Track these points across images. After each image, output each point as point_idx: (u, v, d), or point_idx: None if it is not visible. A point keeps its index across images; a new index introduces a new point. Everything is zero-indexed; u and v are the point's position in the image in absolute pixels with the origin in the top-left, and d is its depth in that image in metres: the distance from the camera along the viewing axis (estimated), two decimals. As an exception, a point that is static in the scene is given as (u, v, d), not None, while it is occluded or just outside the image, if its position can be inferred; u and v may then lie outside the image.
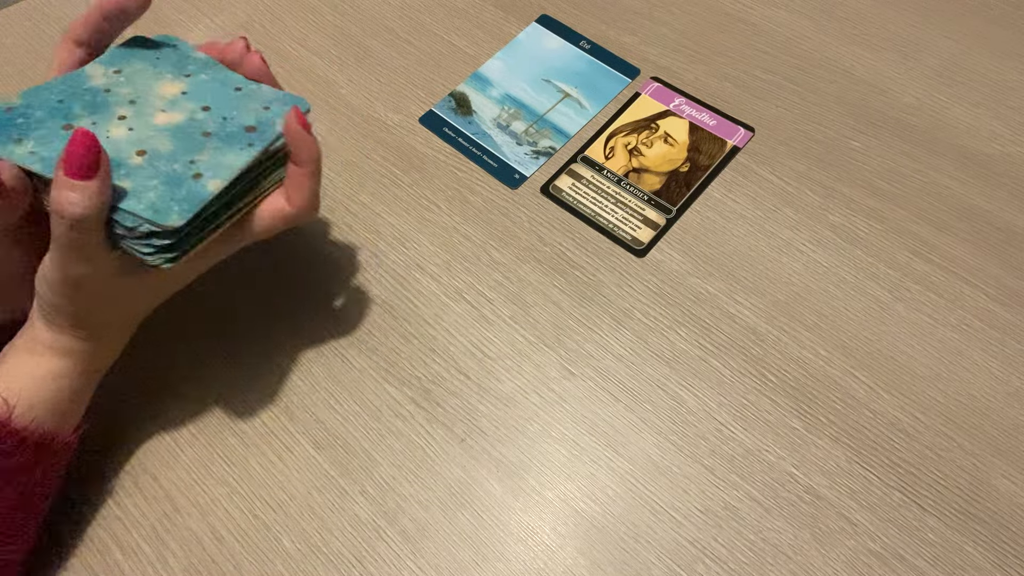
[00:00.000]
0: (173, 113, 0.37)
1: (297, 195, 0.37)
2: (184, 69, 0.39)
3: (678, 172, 0.54)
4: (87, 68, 0.38)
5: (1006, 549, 0.40)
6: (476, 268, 0.50)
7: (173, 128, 0.36)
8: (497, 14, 0.63)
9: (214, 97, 0.38)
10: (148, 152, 0.35)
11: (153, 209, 0.33)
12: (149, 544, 0.40)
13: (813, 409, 0.44)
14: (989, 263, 0.49)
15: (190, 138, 0.36)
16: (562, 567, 0.40)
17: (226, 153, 0.36)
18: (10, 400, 0.34)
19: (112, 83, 0.37)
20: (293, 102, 0.39)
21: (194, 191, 0.34)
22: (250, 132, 0.37)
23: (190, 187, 0.34)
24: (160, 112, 0.37)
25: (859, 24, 0.62)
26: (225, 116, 0.37)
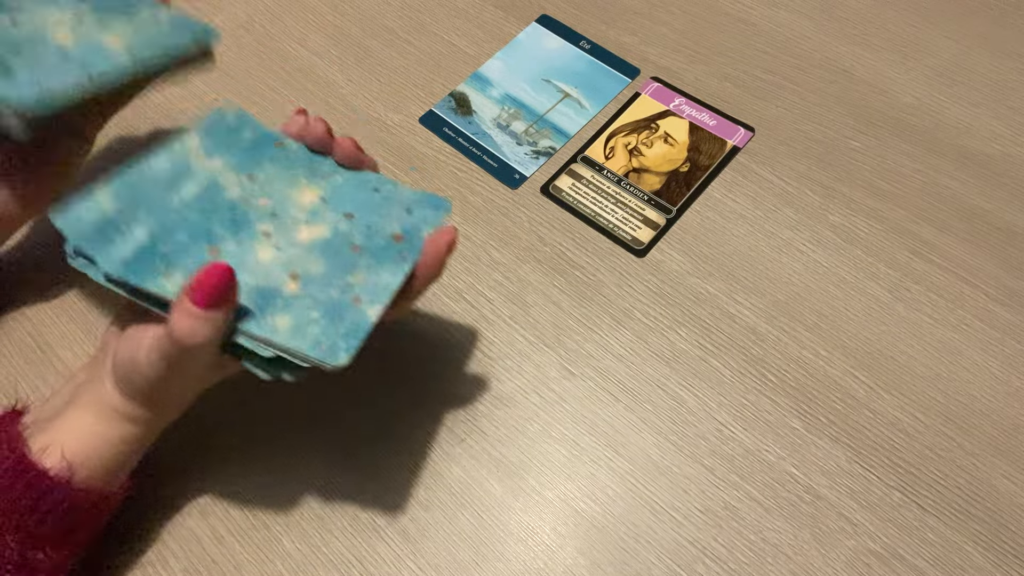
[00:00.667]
0: (317, 226, 0.35)
1: (404, 302, 0.36)
2: (317, 171, 0.37)
3: (678, 172, 0.54)
4: (219, 176, 0.35)
5: (1006, 549, 0.40)
6: (476, 268, 0.50)
7: (322, 245, 0.35)
8: (497, 14, 0.63)
9: (354, 202, 0.36)
10: (301, 276, 0.33)
11: (317, 346, 0.31)
12: (149, 544, 0.40)
13: (813, 409, 0.44)
14: (989, 263, 0.49)
15: (340, 255, 0.34)
16: (562, 567, 0.40)
17: (380, 271, 0.34)
18: (74, 463, 0.33)
19: (249, 193, 0.35)
20: (436, 204, 0.37)
21: (356, 322, 0.32)
22: (398, 242, 0.35)
23: (352, 317, 0.33)
24: (304, 226, 0.35)
25: (859, 24, 0.62)
26: (369, 224, 0.36)
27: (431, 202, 0.38)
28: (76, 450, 0.33)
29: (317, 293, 0.33)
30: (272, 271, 0.33)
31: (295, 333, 0.32)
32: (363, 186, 0.37)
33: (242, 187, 0.36)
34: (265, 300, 0.32)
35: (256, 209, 0.35)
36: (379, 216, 0.36)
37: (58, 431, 0.34)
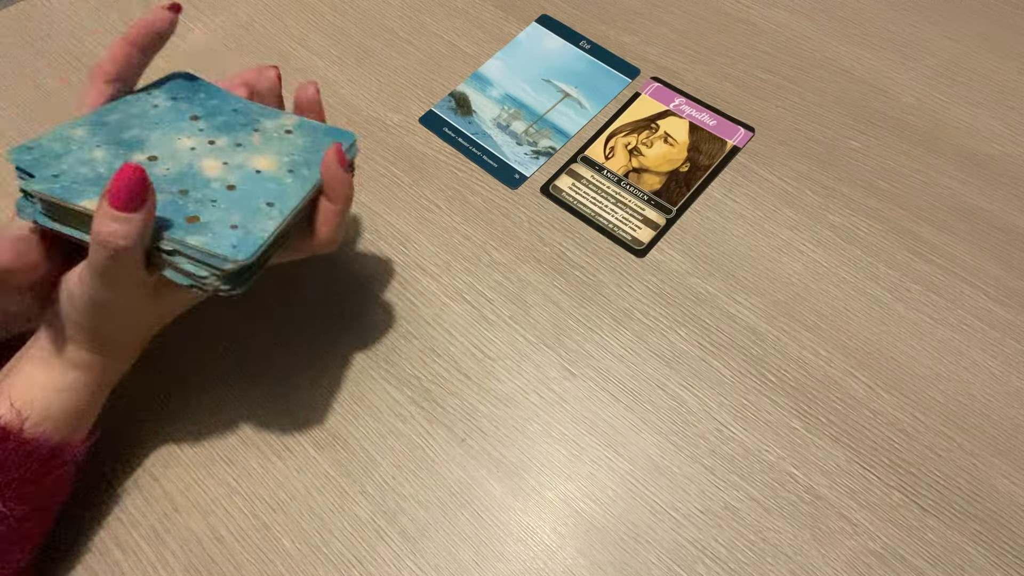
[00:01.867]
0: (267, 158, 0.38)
1: (324, 229, 0.38)
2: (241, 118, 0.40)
3: (678, 172, 0.54)
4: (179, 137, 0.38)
5: (1006, 549, 0.40)
6: (476, 268, 0.50)
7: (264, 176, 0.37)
8: (497, 14, 0.63)
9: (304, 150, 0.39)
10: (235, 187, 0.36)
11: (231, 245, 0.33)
12: (149, 544, 0.40)
13: (813, 409, 0.44)
14: (989, 263, 0.49)
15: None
16: (562, 567, 0.40)
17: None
18: (23, 411, 0.34)
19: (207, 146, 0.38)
20: (340, 136, 0.40)
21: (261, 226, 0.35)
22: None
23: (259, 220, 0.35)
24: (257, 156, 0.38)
25: (859, 24, 0.62)
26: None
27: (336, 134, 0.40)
28: (25, 399, 0.34)
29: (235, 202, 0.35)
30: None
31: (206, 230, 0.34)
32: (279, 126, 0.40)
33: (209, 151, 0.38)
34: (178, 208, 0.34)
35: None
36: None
37: (7, 384, 0.35)
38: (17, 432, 0.33)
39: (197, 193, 0.35)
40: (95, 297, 0.33)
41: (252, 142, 0.38)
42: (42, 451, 0.34)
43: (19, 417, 0.33)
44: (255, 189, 0.36)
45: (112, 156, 0.35)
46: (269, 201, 0.36)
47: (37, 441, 0.34)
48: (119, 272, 0.32)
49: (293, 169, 0.37)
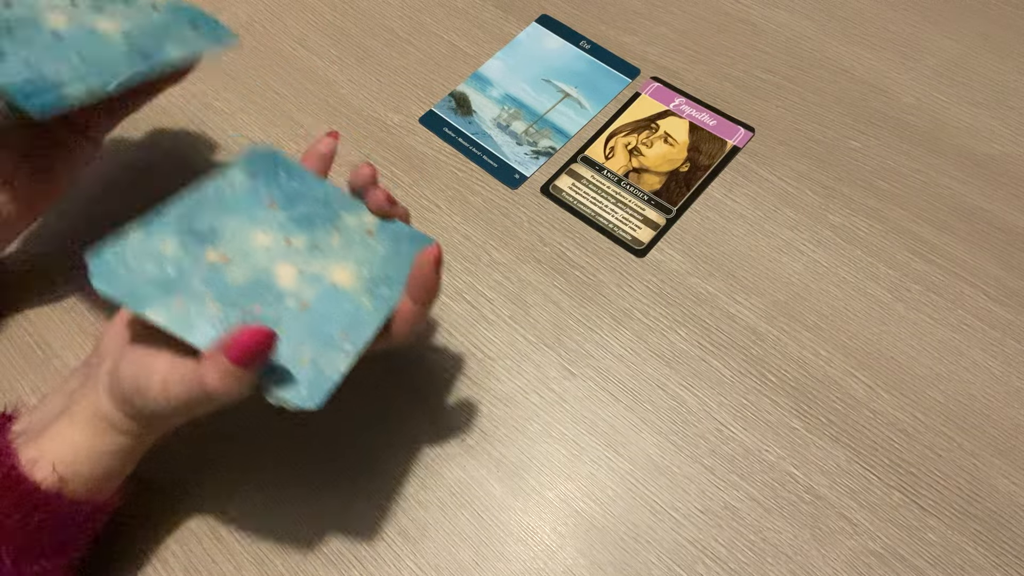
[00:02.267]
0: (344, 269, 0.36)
1: (402, 327, 0.36)
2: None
3: (678, 172, 0.54)
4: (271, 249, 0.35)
5: (1006, 549, 0.40)
6: (476, 268, 0.50)
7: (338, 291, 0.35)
8: (497, 14, 0.63)
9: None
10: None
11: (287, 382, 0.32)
12: (149, 544, 0.40)
13: (813, 409, 0.44)
14: (989, 263, 0.49)
15: None
16: (562, 567, 0.40)
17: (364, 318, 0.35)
18: (65, 476, 0.33)
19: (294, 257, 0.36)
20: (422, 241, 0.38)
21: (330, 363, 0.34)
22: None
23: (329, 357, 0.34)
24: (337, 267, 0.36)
25: (859, 24, 0.62)
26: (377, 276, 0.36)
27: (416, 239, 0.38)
28: (67, 462, 0.33)
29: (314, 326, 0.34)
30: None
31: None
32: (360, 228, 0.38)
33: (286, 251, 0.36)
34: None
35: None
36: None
37: (49, 442, 0.33)
38: (57, 497, 0.33)
39: (269, 310, 0.33)
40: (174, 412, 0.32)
41: (331, 244, 0.36)
42: (81, 515, 0.34)
43: (61, 483, 0.33)
44: (331, 311, 0.34)
45: (183, 252, 0.33)
46: (344, 329, 0.34)
47: (77, 505, 0.33)
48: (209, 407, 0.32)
49: (372, 288, 0.35)
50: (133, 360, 0.33)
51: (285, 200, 0.36)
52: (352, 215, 0.38)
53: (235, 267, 0.34)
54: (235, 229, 0.35)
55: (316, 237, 0.36)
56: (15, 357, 0.46)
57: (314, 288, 0.34)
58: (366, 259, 0.36)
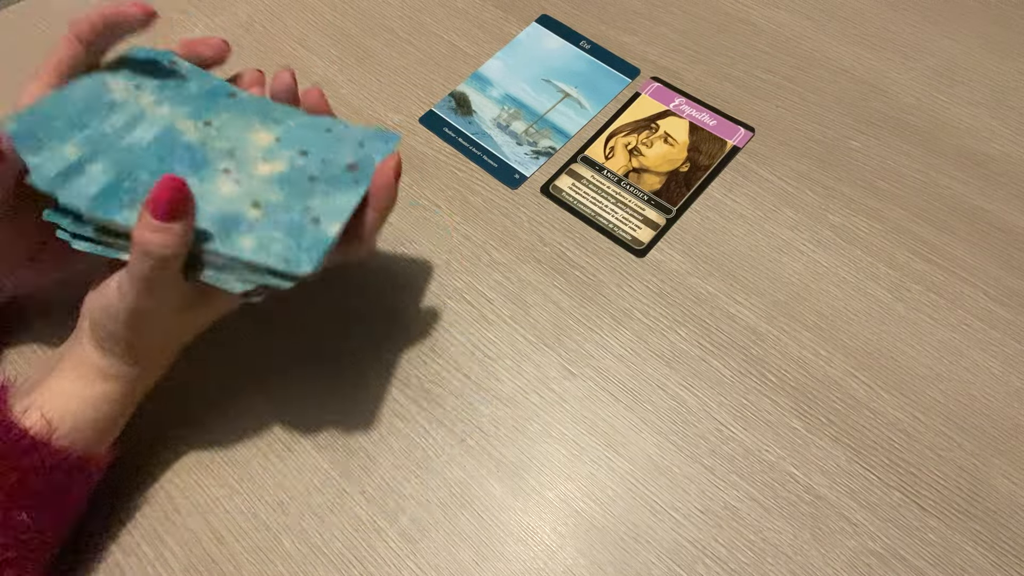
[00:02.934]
0: (274, 162, 0.37)
1: (367, 235, 0.38)
2: (269, 115, 0.39)
3: (678, 172, 0.54)
4: (177, 123, 0.37)
5: (1006, 549, 0.40)
6: (476, 268, 0.50)
7: (279, 177, 0.37)
8: (497, 14, 0.63)
9: (308, 142, 0.38)
10: (263, 204, 0.35)
11: (283, 259, 0.34)
12: (149, 544, 0.40)
13: (813, 409, 0.44)
14: (989, 263, 0.49)
15: (297, 185, 0.36)
16: (562, 567, 0.40)
17: (335, 195, 0.36)
18: (53, 422, 0.34)
19: (206, 137, 0.37)
20: (386, 138, 0.39)
21: (317, 236, 0.35)
22: (352, 171, 0.37)
23: (312, 233, 0.35)
24: (261, 162, 0.37)
25: (859, 24, 0.62)
26: (324, 159, 0.38)
27: (381, 136, 0.39)
28: (56, 410, 0.34)
29: (278, 216, 0.35)
30: (234, 201, 0.35)
31: (259, 250, 0.34)
32: (316, 127, 0.39)
33: (199, 131, 0.37)
34: (229, 224, 0.34)
35: (214, 150, 0.37)
36: (333, 152, 0.38)
37: (38, 394, 0.35)
38: (45, 443, 0.33)
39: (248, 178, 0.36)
40: (135, 306, 0.33)
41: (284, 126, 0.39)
42: (69, 463, 0.34)
43: (48, 428, 0.33)
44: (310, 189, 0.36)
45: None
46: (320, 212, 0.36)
47: (65, 453, 0.34)
48: (160, 280, 0.33)
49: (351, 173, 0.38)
50: (98, 290, 0.35)
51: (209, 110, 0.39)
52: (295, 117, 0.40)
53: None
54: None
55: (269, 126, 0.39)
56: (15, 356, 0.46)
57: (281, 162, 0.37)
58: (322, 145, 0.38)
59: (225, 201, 0.35)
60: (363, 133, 0.39)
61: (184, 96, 0.39)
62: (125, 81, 0.38)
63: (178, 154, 0.36)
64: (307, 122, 0.39)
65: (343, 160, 0.38)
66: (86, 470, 0.36)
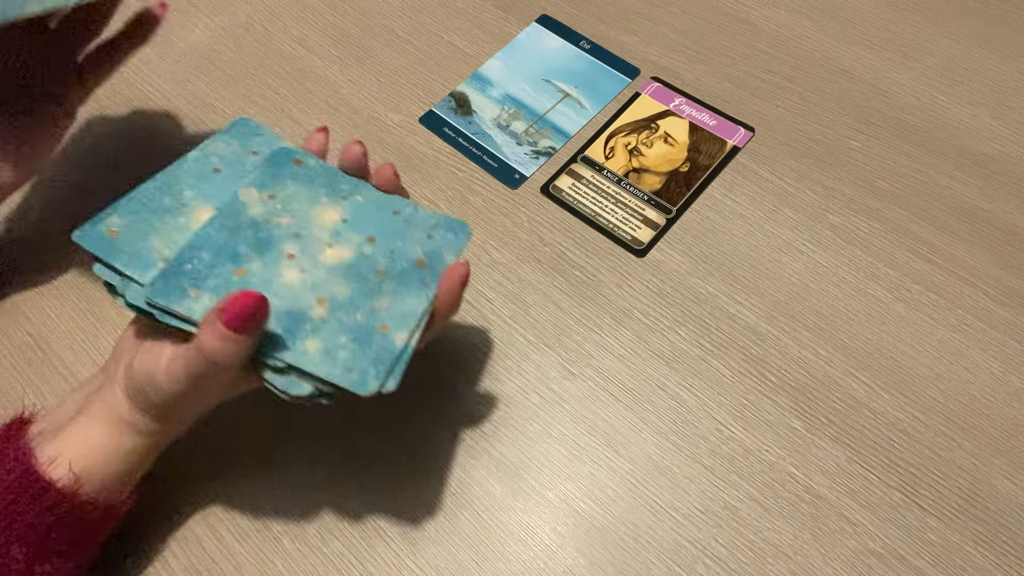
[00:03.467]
0: (341, 247, 0.35)
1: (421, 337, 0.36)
2: (338, 190, 0.37)
3: (678, 172, 0.54)
4: (241, 194, 0.36)
5: (1006, 549, 0.40)
6: (476, 268, 0.50)
7: (346, 268, 0.35)
8: (497, 14, 0.63)
9: (376, 225, 0.37)
10: (328, 300, 0.34)
11: (347, 371, 0.32)
12: (149, 544, 0.40)
13: (813, 409, 0.44)
14: (989, 263, 0.49)
15: (365, 280, 0.35)
16: (562, 567, 0.40)
17: (405, 297, 0.35)
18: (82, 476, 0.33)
19: (270, 211, 0.35)
20: (455, 228, 0.38)
21: (384, 348, 0.33)
22: (421, 268, 0.36)
23: (379, 343, 0.33)
24: (327, 247, 0.35)
25: (859, 24, 0.62)
26: (392, 248, 0.36)
27: (451, 226, 0.38)
28: (84, 462, 0.33)
29: (344, 318, 0.33)
30: (299, 294, 0.33)
31: (325, 358, 0.32)
32: (384, 207, 0.38)
33: (264, 205, 0.36)
34: (293, 323, 0.33)
35: (279, 227, 0.35)
36: (401, 240, 0.37)
37: (66, 442, 0.33)
38: (72, 497, 0.33)
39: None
40: (184, 392, 0.33)
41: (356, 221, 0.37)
42: (95, 515, 0.34)
43: (76, 482, 0.33)
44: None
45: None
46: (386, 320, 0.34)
47: (91, 506, 0.34)
48: (214, 381, 0.32)
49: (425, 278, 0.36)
50: (144, 352, 0.34)
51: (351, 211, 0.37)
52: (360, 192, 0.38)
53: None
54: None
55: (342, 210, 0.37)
56: (15, 357, 0.46)
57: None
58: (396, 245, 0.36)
59: (290, 293, 0.33)
60: (431, 221, 0.38)
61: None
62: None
63: (244, 234, 0.34)
64: (375, 199, 0.38)
65: (412, 254, 0.36)
66: (108, 518, 0.35)
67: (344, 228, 0.36)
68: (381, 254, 0.36)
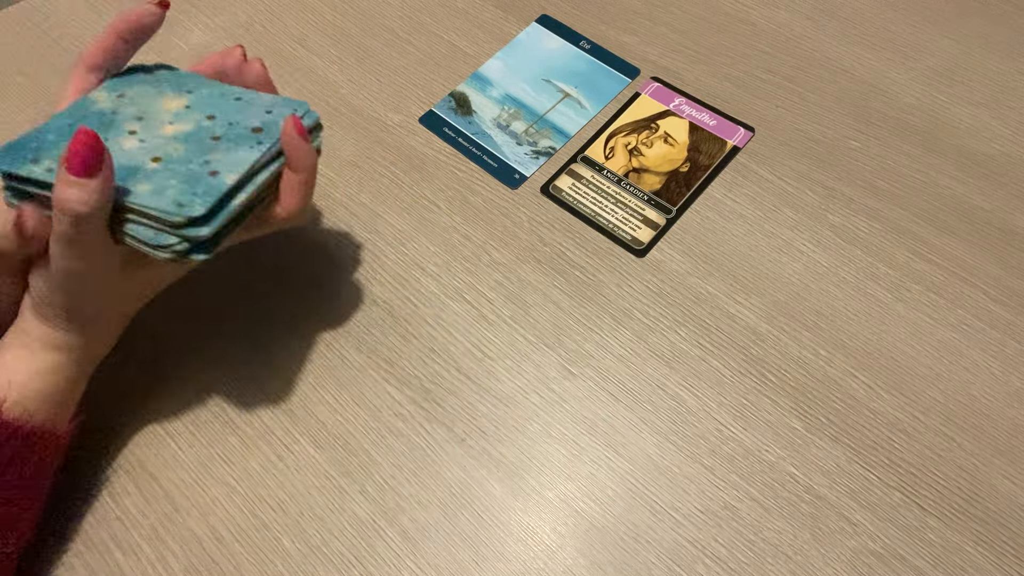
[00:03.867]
0: (181, 124, 0.38)
1: (289, 200, 0.38)
2: (184, 86, 0.40)
3: (678, 172, 0.54)
4: (91, 95, 0.38)
5: (1006, 549, 0.40)
6: (476, 268, 0.50)
7: (183, 135, 0.37)
8: (497, 14, 0.63)
9: (217, 107, 0.39)
10: (163, 158, 0.36)
11: (176, 203, 0.33)
12: (149, 544, 0.40)
13: (813, 409, 0.44)
14: (989, 263, 0.49)
15: (201, 142, 0.37)
16: (562, 567, 0.40)
17: (237, 151, 0.37)
18: (6, 401, 0.34)
19: (118, 105, 0.38)
20: (294, 106, 0.40)
21: (213, 184, 0.35)
22: (257, 133, 0.38)
23: (208, 182, 0.35)
24: (168, 124, 0.38)
25: (859, 24, 0.62)
26: (231, 121, 0.38)
27: (291, 104, 0.40)
28: (4, 382, 0.34)
29: (177, 168, 0.35)
30: (135, 156, 0.36)
31: (154, 195, 0.34)
32: (227, 95, 0.40)
33: (112, 101, 0.38)
34: (128, 175, 0.34)
35: (124, 115, 0.37)
36: (241, 116, 0.39)
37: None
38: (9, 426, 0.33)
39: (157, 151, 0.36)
40: (65, 268, 0.33)
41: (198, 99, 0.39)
42: (21, 433, 0.34)
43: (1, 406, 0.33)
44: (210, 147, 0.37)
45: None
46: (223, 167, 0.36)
47: (15, 424, 0.34)
48: (84, 240, 0.32)
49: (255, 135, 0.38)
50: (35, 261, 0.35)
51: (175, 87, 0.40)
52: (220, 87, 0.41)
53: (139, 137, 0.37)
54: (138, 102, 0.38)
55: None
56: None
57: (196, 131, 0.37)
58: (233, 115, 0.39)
59: (126, 156, 0.35)
60: (272, 100, 0.40)
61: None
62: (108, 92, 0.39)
63: (89, 120, 0.37)
64: (220, 91, 0.40)
65: (249, 123, 0.38)
66: (42, 441, 0.35)
67: (186, 111, 0.38)
68: (219, 125, 0.38)
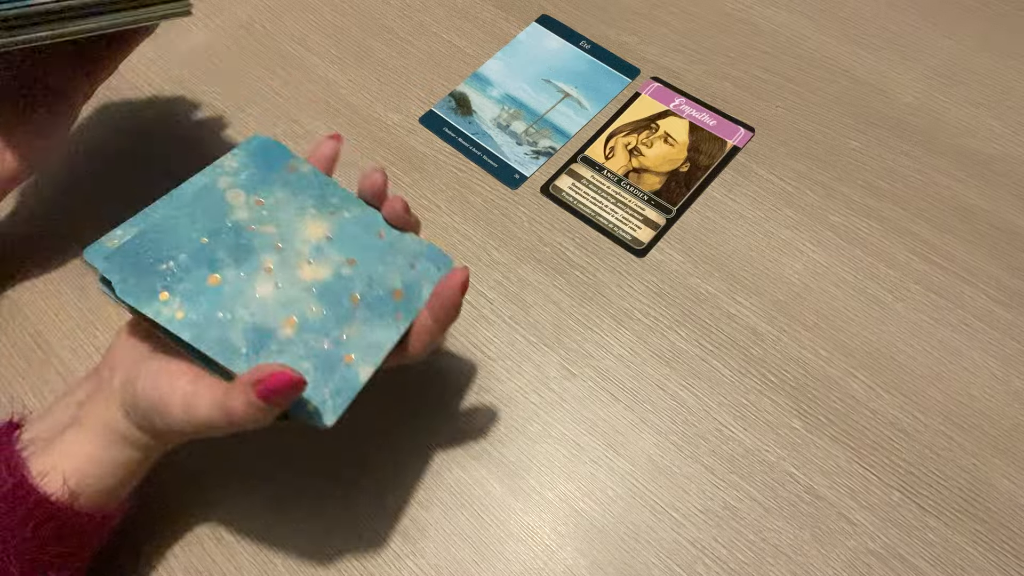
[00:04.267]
0: (319, 266, 0.35)
1: (418, 344, 0.36)
2: (327, 202, 0.37)
3: (678, 172, 0.54)
4: (228, 193, 0.35)
5: (1006, 549, 0.40)
6: (476, 268, 0.50)
7: (321, 288, 0.34)
8: (497, 14, 0.63)
9: (359, 246, 0.36)
10: (298, 320, 0.33)
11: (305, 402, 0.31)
12: (149, 544, 0.40)
13: (813, 409, 0.44)
14: (989, 263, 0.49)
15: (338, 304, 0.34)
16: (562, 567, 0.40)
17: (374, 328, 0.34)
18: (76, 489, 0.33)
19: (256, 218, 0.35)
20: (439, 262, 0.37)
21: (346, 379, 0.32)
22: (397, 299, 0.35)
23: (342, 374, 0.32)
24: (307, 263, 0.35)
25: (859, 24, 0.62)
26: (371, 275, 0.35)
27: (435, 257, 0.38)
28: (78, 475, 0.33)
29: (312, 342, 0.33)
30: (270, 310, 0.33)
31: None
32: (370, 228, 0.37)
33: (250, 209, 0.35)
34: (260, 340, 0.32)
35: (261, 236, 0.34)
36: (382, 265, 0.36)
37: (59, 454, 0.33)
38: (66, 510, 0.32)
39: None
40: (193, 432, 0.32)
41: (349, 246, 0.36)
42: (89, 527, 0.34)
43: (71, 496, 0.32)
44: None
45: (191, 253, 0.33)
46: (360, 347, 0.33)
47: (86, 518, 0.33)
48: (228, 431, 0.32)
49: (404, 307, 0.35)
50: (151, 376, 0.32)
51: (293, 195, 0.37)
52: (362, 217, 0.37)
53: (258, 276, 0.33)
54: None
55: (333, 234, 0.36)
56: (15, 357, 0.46)
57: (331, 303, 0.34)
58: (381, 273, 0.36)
59: (261, 309, 0.32)
60: (417, 248, 0.37)
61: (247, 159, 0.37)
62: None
63: (224, 239, 0.33)
64: (363, 217, 0.37)
65: (390, 283, 0.36)
66: (103, 528, 0.35)
67: (327, 246, 0.35)
68: (359, 278, 0.35)
